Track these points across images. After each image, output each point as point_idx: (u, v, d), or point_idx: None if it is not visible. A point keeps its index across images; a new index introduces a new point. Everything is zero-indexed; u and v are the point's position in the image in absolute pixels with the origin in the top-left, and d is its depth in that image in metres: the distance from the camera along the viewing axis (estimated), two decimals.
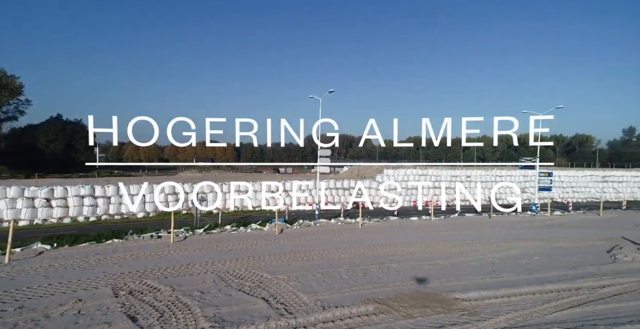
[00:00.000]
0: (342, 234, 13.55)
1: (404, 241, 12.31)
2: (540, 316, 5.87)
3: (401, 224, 16.36)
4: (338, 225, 16.11)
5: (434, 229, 14.75)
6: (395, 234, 13.64)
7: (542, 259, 9.64)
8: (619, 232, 13.91)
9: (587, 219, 17.88)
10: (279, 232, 13.79)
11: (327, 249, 10.94)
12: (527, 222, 16.95)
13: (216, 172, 53.61)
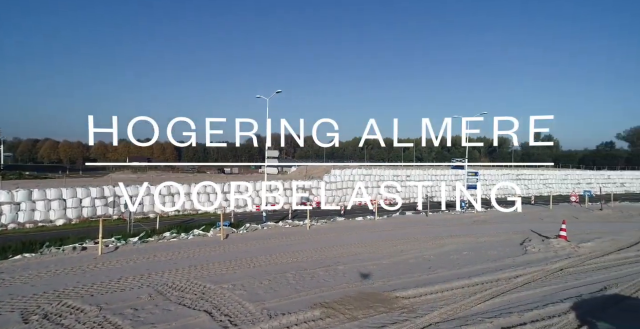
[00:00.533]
0: (289, 238, 13.52)
1: (350, 241, 12.72)
2: (467, 308, 6.52)
3: (347, 224, 16.88)
4: (286, 228, 16.03)
5: (378, 229, 15.51)
6: (342, 235, 14.03)
7: (470, 254, 10.73)
8: (529, 225, 16.10)
9: (504, 214, 20.20)
10: (224, 238, 13.26)
11: (275, 254, 10.82)
12: (457, 219, 18.71)
13: (153, 173, 49.62)
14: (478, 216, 19.46)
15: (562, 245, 11.14)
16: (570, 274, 8.43)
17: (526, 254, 10.53)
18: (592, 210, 21.60)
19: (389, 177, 44.92)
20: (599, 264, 9.33)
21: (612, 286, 7.43)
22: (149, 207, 21.51)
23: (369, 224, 17.14)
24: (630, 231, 14.07)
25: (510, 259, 9.92)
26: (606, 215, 19.27)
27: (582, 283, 7.85)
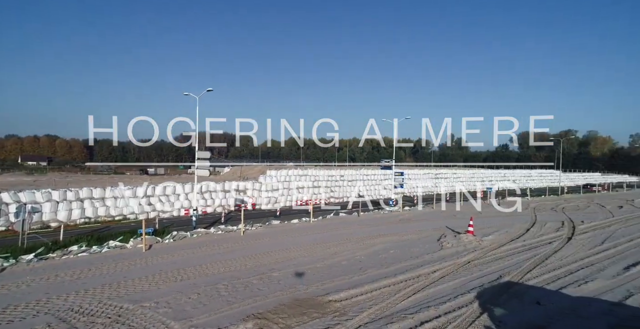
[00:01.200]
0: (222, 245, 12.92)
1: (285, 246, 12.70)
2: (393, 306, 7.06)
3: (283, 228, 16.81)
4: (218, 234, 15.29)
5: (313, 231, 15.78)
6: (277, 240, 13.93)
7: (396, 252, 11.63)
8: (445, 222, 18.10)
9: (426, 212, 22.56)
10: (147, 249, 12.08)
11: (206, 264, 10.25)
12: (386, 218, 20.08)
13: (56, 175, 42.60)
14: (403, 215, 21.19)
15: (470, 239, 12.80)
16: (476, 266, 9.73)
17: (442, 249, 11.82)
18: (492, 206, 25.19)
19: (324, 178, 46.09)
20: (496, 255, 10.96)
21: (504, 275, 8.80)
22: (51, 216, 18.48)
23: (305, 226, 17.34)
24: (519, 224, 16.81)
25: (429, 255, 11.04)
26: (502, 210, 22.70)
27: (484, 273, 9.13)
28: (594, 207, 23.99)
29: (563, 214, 20.26)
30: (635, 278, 8.53)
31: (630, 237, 13.62)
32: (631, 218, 19.22)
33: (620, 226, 16.51)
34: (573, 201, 28.88)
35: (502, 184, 66.08)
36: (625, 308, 6.61)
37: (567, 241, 12.98)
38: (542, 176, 76.52)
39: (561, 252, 11.27)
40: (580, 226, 15.95)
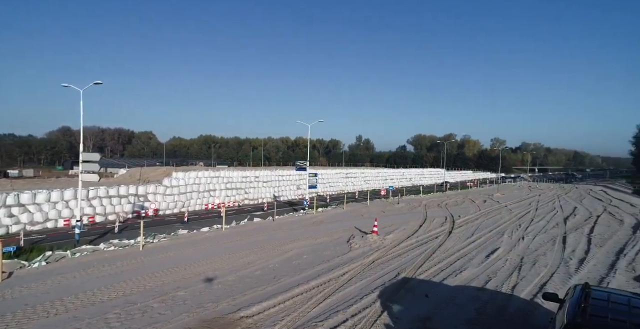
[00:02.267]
0: (115, 264, 11.23)
1: (193, 259, 11.78)
2: (305, 314, 7.26)
3: (191, 238, 15.54)
4: (110, 251, 13.23)
5: (225, 240, 15.04)
6: (185, 253, 12.82)
7: (309, 257, 11.99)
8: (354, 222, 19.48)
9: (337, 213, 23.87)
10: (5, 278, 9.66)
11: (92, 290, 8.75)
12: (300, 221, 20.50)
13: None
14: (317, 217, 21.98)
15: (375, 239, 14.08)
16: (379, 265, 10.76)
17: (351, 251, 12.70)
18: (394, 204, 28.29)
19: (238, 179, 44.50)
20: (396, 253, 12.33)
21: (402, 271, 9.98)
22: None
23: (216, 235, 16.40)
24: (413, 221, 19.27)
25: (339, 258, 11.72)
26: (401, 208, 25.73)
27: (386, 271, 10.16)
28: (467, 203, 29.15)
29: (446, 210, 24.03)
30: (492, 264, 10.69)
31: (490, 228, 17.01)
32: (491, 211, 24.02)
33: (484, 218, 20.47)
34: (453, 197, 34.48)
35: (401, 182, 74.77)
36: (485, 292, 8.23)
37: (449, 234, 15.47)
38: (432, 174, 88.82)
39: (444, 245, 13.36)
40: (458, 221, 19.20)
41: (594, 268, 10.25)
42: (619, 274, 9.58)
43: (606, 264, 10.75)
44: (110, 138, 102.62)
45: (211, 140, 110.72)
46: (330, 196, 50.38)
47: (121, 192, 27.75)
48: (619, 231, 16.61)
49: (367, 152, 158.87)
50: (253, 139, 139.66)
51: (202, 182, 37.71)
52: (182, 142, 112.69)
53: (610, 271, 9.96)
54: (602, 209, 26.15)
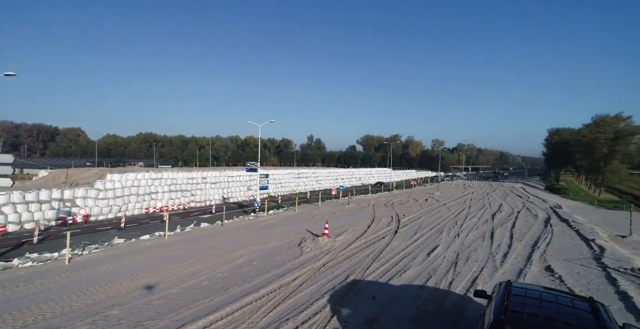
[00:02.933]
0: (33, 283, 9.86)
1: (131, 272, 10.84)
2: (254, 325, 7.12)
3: (129, 248, 14.26)
4: (26, 267, 11.58)
5: (168, 249, 14.09)
6: (121, 265, 11.73)
7: (260, 263, 11.77)
8: (305, 225, 19.60)
9: (289, 215, 23.78)
10: None
11: (2, 317, 7.58)
12: (250, 225, 20.01)
13: None
14: (268, 220, 21.65)
15: (326, 241, 14.32)
16: (329, 269, 10.97)
17: (302, 254, 12.75)
18: (344, 205, 29.03)
19: (183, 181, 42.09)
20: (346, 255, 12.68)
21: (351, 274, 10.30)
22: None
23: (158, 243, 15.28)
24: (363, 222, 20.01)
25: (291, 263, 11.70)
26: (351, 209, 26.52)
27: (336, 274, 10.40)
28: (411, 202, 31.09)
29: (393, 210, 25.35)
30: (433, 262, 11.56)
31: (431, 226, 18.37)
32: (432, 209, 25.94)
33: (426, 217, 22.03)
34: (398, 197, 36.51)
35: (351, 181, 77.01)
36: (426, 290, 8.88)
37: (395, 234, 16.35)
38: (380, 173, 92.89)
39: (391, 245, 14.08)
40: (403, 220, 20.39)
41: (515, 261, 11.64)
42: (533, 265, 11.00)
43: (524, 257, 12.27)
44: (28, 135, 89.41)
45: (152, 138, 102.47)
46: (282, 196, 50.05)
47: (42, 197, 24.53)
48: (534, 226, 19.07)
49: (318, 152, 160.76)
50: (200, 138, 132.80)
51: (142, 185, 34.97)
52: (118, 140, 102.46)
53: (527, 263, 11.40)
54: (522, 205, 29.81)
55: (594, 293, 8.52)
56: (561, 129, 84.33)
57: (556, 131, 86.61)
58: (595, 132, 56.01)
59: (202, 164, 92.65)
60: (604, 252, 12.76)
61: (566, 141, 70.51)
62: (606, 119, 57.08)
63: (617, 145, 54.04)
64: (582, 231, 17.15)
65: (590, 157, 57.72)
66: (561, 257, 12.25)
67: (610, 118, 56.63)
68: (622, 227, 18.65)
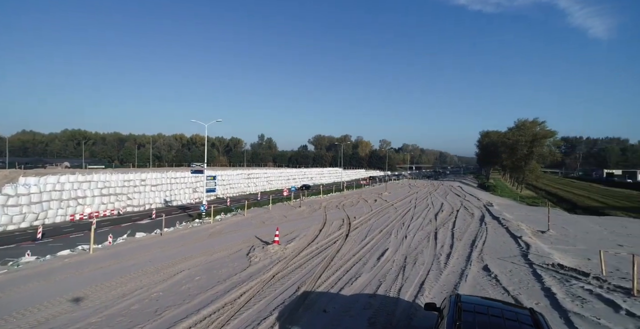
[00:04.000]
0: None
1: (41, 298, 9.14)
2: None
3: (41, 269, 12.11)
4: None
5: (94, 266, 12.29)
6: (26, 291, 9.87)
7: (202, 278, 10.78)
8: (255, 231, 18.74)
9: (238, 221, 22.58)
10: None
11: None
12: (194, 233, 18.53)
13: None
14: (214, 226, 20.29)
15: (276, 249, 13.72)
16: (279, 280, 10.42)
17: (250, 265, 12.00)
18: (295, 208, 28.56)
19: (118, 183, 38.18)
20: (297, 263, 12.23)
21: (302, 285, 9.89)
22: None
23: (80, 260, 13.28)
24: (314, 225, 19.75)
25: (237, 276, 10.91)
26: (302, 212, 26.14)
27: (286, 286, 9.90)
28: (361, 203, 31.76)
29: (344, 212, 25.55)
30: (382, 267, 11.67)
31: (380, 228, 18.77)
32: (381, 210, 26.72)
33: (376, 218, 22.55)
34: (349, 197, 37.12)
35: (303, 181, 76.81)
36: (377, 299, 8.83)
37: (346, 238, 16.34)
38: (331, 173, 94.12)
39: (342, 250, 13.98)
40: (354, 222, 20.59)
41: (456, 262, 12.26)
42: (473, 266, 11.68)
43: (464, 257, 13.01)
44: None
45: (81, 135, 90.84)
46: (232, 198, 47.96)
47: None
48: (471, 224, 20.57)
49: (269, 151, 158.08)
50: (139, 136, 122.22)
51: (66, 188, 30.90)
52: (37, 137, 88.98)
53: (467, 263, 12.08)
54: (460, 203, 32.22)
55: (525, 291, 9.23)
56: (490, 132, 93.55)
57: (486, 134, 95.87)
58: (518, 135, 63.10)
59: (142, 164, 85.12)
60: (529, 248, 14.09)
61: (494, 143, 78.45)
62: (526, 123, 64.62)
63: (534, 147, 61.47)
64: (511, 228, 18.89)
65: (514, 157, 64.85)
66: (495, 255, 13.23)
67: (529, 123, 64.21)
68: (541, 223, 21.01)
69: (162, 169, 65.53)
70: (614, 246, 15.98)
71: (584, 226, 21.71)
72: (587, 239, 17.33)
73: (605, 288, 9.30)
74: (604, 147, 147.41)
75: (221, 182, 55.86)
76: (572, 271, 10.82)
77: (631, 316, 7.43)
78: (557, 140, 70.83)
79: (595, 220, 25.81)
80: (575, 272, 10.67)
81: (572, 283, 9.78)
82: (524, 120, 65.63)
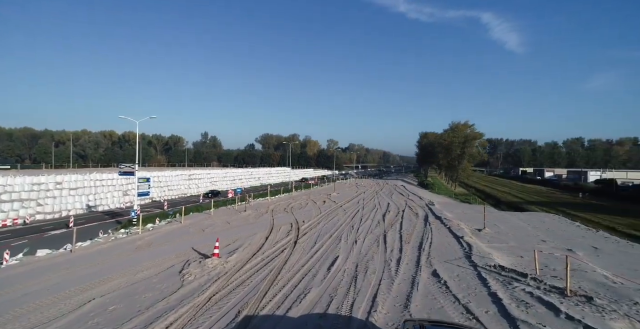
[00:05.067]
0: None
1: None
2: None
3: None
4: None
5: None
6: None
7: (118, 307, 8.89)
8: (192, 241, 16.74)
9: (172, 229, 20.13)
10: None
11: None
12: (117, 247, 15.88)
13: None
14: (143, 237, 17.73)
15: (215, 264, 12.15)
16: (216, 303, 9.01)
17: (183, 286, 10.33)
18: (240, 212, 26.67)
19: (24, 187, 32.53)
20: (239, 279, 10.87)
21: (244, 307, 8.64)
22: None
23: None
24: (260, 232, 18.36)
25: (165, 301, 9.22)
26: (248, 216, 24.42)
27: (224, 311, 8.54)
28: (310, 205, 31.00)
29: (292, 215, 24.48)
30: (333, 278, 10.91)
31: (330, 233, 18.08)
32: (330, 212, 26.25)
33: (325, 222, 21.90)
34: (298, 199, 36.16)
35: (250, 182, 73.90)
36: (327, 319, 7.99)
37: (294, 245, 15.33)
38: (279, 173, 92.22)
39: (290, 260, 12.93)
40: (302, 227, 19.66)
41: (407, 268, 12.05)
42: (423, 272, 11.54)
43: (414, 261, 12.91)
44: None
45: None
46: (171, 201, 43.83)
47: None
48: (417, 225, 21.06)
49: (214, 150, 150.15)
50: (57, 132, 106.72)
51: None
52: None
53: (417, 269, 11.93)
54: (404, 203, 33.33)
55: (474, 298, 9.18)
56: (429, 133, 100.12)
57: (425, 135, 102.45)
58: (452, 136, 68.37)
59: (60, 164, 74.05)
60: (471, 249, 14.58)
61: (432, 143, 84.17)
62: (459, 125, 70.37)
63: (466, 147, 67.15)
64: (453, 228, 19.68)
65: (449, 157, 70.12)
66: (442, 258, 13.37)
67: (461, 125, 70.01)
68: (477, 221, 22.41)
69: (85, 170, 57.63)
70: (539, 242, 17.45)
71: (512, 223, 23.65)
72: (516, 236, 18.72)
73: (542, 288, 9.70)
74: (519, 148, 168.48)
75: (158, 184, 50.91)
76: (512, 272, 11.23)
77: (571, 320, 7.65)
78: (484, 141, 78.51)
79: (519, 216, 28.47)
80: (515, 273, 11.09)
81: (514, 285, 10.05)
82: (457, 122, 71.43)
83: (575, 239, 19.02)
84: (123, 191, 43.03)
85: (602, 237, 19.98)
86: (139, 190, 29.01)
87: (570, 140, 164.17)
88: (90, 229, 22.24)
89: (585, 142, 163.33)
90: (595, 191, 63.14)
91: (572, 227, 23.30)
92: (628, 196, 55.33)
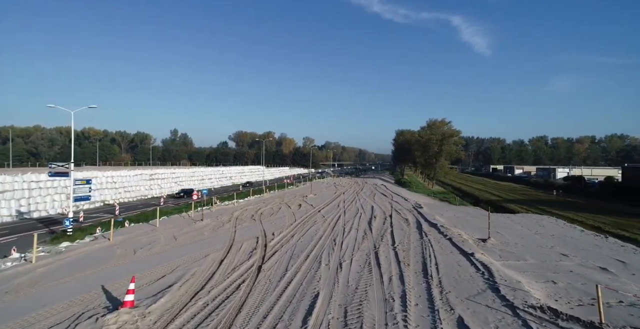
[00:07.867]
0: None
1: None
2: None
3: None
4: None
5: None
6: None
7: None
8: (108, 272, 12.12)
9: (92, 251, 15.04)
10: None
11: None
12: None
13: None
14: (34, 269, 12.48)
15: (124, 320, 7.71)
16: None
17: None
18: (196, 221, 21.92)
19: None
20: None
21: None
22: None
23: None
24: (213, 253, 13.95)
25: None
26: (204, 228, 19.71)
27: None
28: (284, 209, 26.75)
29: (260, 225, 20.15)
30: None
31: (306, 252, 13.89)
32: (307, 220, 22.12)
33: (300, 234, 17.69)
34: (270, 203, 31.74)
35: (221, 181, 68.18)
36: None
37: (258, 274, 11.14)
38: (253, 171, 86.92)
39: (247, 306, 8.70)
40: (271, 242, 15.45)
41: (418, 314, 8.22)
42: (444, 323, 7.76)
43: (424, 299, 9.15)
44: None
45: None
46: (127, 204, 38.16)
47: None
48: (411, 236, 17.43)
49: (184, 148, 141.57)
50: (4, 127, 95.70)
51: None
52: None
53: (434, 315, 8.17)
54: (390, 206, 29.89)
55: None
56: (405, 131, 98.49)
57: (401, 132, 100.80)
58: (429, 134, 66.53)
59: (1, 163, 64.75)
60: (492, 274, 11.07)
61: (408, 141, 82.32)
62: (436, 123, 68.70)
63: (443, 145, 65.50)
64: (454, 240, 16.27)
65: (427, 154, 68.24)
66: (460, 291, 9.73)
67: (438, 122, 68.37)
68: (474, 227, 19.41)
69: (13, 172, 49.56)
70: (558, 255, 14.42)
71: (513, 229, 20.77)
72: (528, 248, 15.65)
73: None
74: (489, 146, 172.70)
75: (112, 186, 44.62)
76: (572, 320, 7.71)
77: None
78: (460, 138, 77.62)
79: (514, 219, 25.89)
80: (579, 323, 7.58)
81: None
82: (434, 120, 69.76)
83: (591, 249, 16.25)
84: (66, 194, 36.82)
85: (617, 246, 17.38)
86: (75, 194, 23.65)
87: (535, 138, 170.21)
88: (5, 246, 16.86)
89: (549, 141, 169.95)
90: (564, 188, 63.68)
91: (576, 233, 20.77)
92: (595, 192, 56.07)
